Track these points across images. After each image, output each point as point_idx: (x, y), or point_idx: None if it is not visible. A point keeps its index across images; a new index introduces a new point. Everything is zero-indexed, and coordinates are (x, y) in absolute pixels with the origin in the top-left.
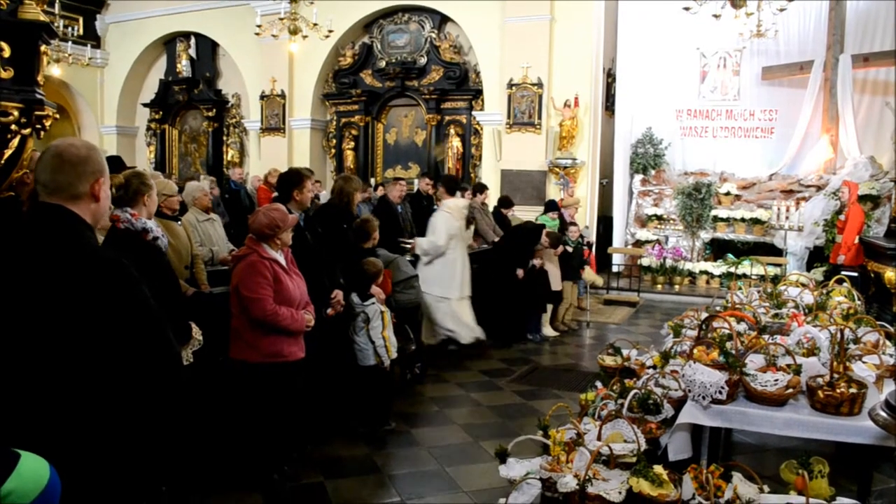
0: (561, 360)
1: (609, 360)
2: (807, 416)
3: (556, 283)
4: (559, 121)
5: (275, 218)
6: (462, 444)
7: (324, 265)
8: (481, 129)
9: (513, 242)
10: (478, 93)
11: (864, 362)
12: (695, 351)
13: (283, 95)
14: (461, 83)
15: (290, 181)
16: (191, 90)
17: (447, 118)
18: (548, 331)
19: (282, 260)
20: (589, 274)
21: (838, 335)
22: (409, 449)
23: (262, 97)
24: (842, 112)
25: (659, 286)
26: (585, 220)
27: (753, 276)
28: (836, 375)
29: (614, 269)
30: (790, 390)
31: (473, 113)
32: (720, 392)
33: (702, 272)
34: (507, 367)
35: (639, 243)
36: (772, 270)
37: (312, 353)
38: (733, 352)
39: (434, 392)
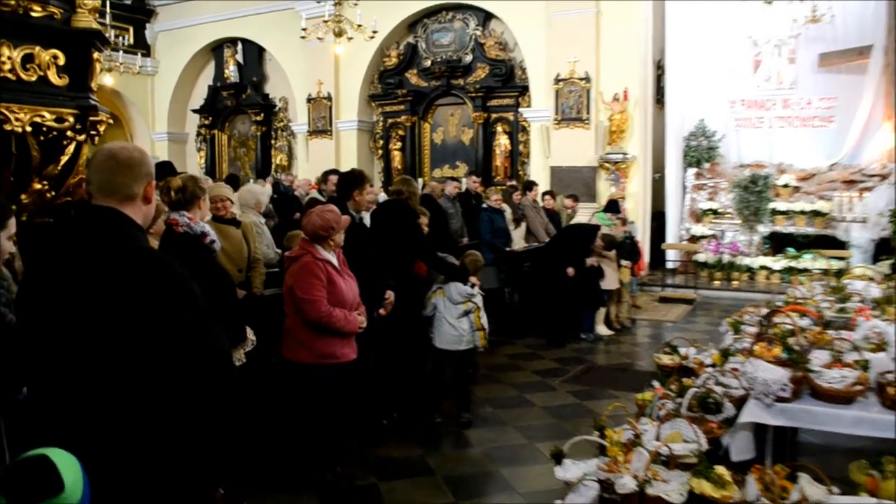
0: (616, 359)
1: (666, 359)
2: (876, 414)
3: (610, 281)
4: (608, 115)
5: (329, 219)
6: (516, 446)
7: (379, 265)
8: (529, 125)
9: (566, 242)
10: (524, 89)
11: None
12: (756, 347)
13: (329, 98)
14: (507, 80)
15: (352, 182)
16: (239, 95)
17: (494, 116)
18: (602, 329)
19: (335, 261)
20: (624, 274)
21: None
22: (462, 450)
23: (309, 100)
24: None
25: (716, 282)
26: (638, 216)
27: (815, 271)
28: None
29: (669, 265)
30: (858, 387)
31: (520, 110)
32: (784, 389)
33: (761, 267)
34: (561, 367)
35: (694, 238)
36: (835, 264)
37: (365, 352)
38: (797, 348)
39: (487, 393)
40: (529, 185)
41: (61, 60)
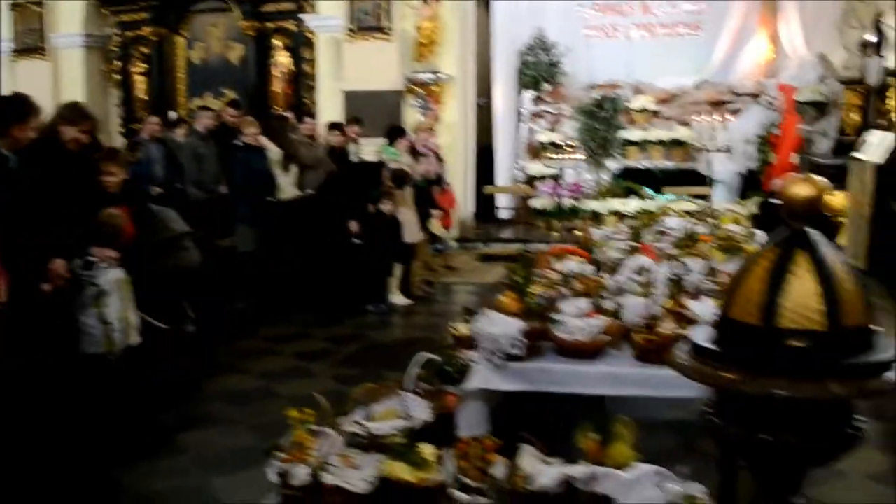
0: (409, 333)
1: (465, 329)
2: (626, 369)
3: (411, 233)
4: (416, 23)
5: None
6: (242, 449)
7: (40, 223)
8: (316, 38)
9: (343, 186)
10: None
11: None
12: (502, 299)
13: (40, 2)
14: None
15: (10, 112)
16: None
17: (270, 26)
18: (397, 298)
19: None
20: (434, 226)
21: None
22: (168, 459)
23: (13, 6)
24: None
25: (555, 233)
26: (457, 153)
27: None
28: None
29: (502, 215)
30: (605, 338)
31: (303, 17)
32: (516, 345)
33: (611, 212)
34: (332, 348)
35: (532, 180)
36: (700, 203)
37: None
38: (544, 297)
39: (222, 386)
40: (301, 115)
41: None
